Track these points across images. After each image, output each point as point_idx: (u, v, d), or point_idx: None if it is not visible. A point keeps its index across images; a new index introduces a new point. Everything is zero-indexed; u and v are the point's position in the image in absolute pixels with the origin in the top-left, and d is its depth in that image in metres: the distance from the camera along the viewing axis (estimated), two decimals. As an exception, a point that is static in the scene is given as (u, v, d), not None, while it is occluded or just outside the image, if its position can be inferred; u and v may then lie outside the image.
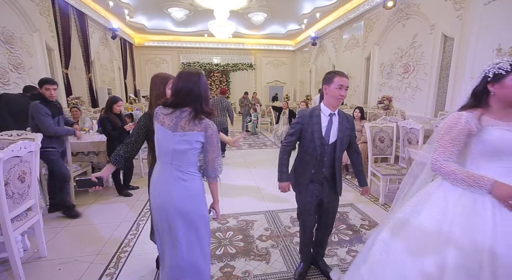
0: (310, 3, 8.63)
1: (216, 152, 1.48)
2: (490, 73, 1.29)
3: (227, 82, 14.47)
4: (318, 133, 1.78)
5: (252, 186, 4.06)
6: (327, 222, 2.03)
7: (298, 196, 1.97)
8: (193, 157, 1.46)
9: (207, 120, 1.44)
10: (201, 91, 1.43)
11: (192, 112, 1.41)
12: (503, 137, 1.24)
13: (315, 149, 1.80)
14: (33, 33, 5.89)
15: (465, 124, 1.31)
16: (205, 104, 1.44)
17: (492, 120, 1.29)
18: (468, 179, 1.22)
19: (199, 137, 1.42)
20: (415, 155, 3.08)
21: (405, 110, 6.41)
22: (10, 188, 1.94)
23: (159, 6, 8.71)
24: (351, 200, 3.50)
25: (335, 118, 1.81)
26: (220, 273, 2.11)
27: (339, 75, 1.74)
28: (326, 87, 1.77)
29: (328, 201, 1.92)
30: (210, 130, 1.43)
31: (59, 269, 2.17)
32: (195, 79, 1.43)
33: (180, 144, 1.41)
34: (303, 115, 1.83)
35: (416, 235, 1.31)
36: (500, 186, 1.15)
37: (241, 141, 7.79)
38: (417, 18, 6.07)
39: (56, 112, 2.95)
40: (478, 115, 1.32)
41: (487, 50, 4.44)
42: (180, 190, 1.45)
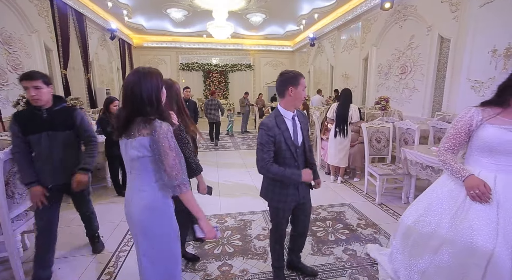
0: (309, 4, 8.67)
1: (170, 158, 1.24)
2: None
3: (226, 82, 14.49)
4: (290, 140, 1.70)
5: (250, 186, 4.09)
6: (305, 223, 1.97)
7: (273, 209, 1.85)
8: (149, 165, 1.28)
9: (157, 121, 1.24)
10: (143, 92, 1.23)
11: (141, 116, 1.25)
12: (497, 135, 1.30)
13: (291, 157, 1.72)
14: (31, 33, 5.89)
15: (469, 118, 1.39)
16: (150, 107, 1.24)
17: (502, 119, 1.32)
18: (452, 169, 1.42)
19: (145, 142, 1.23)
20: (411, 155, 3.12)
21: (402, 111, 6.45)
22: (10, 188, 1.96)
23: (158, 6, 8.73)
24: (348, 199, 3.54)
25: (296, 119, 1.77)
26: (218, 271, 2.14)
27: (301, 75, 1.69)
28: (293, 88, 1.65)
29: (304, 201, 1.87)
30: (157, 133, 1.21)
31: (58, 268, 2.19)
32: (135, 80, 1.24)
33: (130, 151, 1.26)
34: (270, 127, 1.67)
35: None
36: (471, 178, 1.33)
37: (240, 141, 7.81)
38: (414, 20, 6.12)
39: (36, 126, 1.89)
40: (491, 113, 1.34)
41: (482, 51, 4.49)
42: (138, 202, 1.31)
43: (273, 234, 1.94)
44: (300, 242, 2.07)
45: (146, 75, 1.25)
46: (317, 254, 2.35)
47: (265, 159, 1.68)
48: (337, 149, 4.07)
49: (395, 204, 3.41)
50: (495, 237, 1.21)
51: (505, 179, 1.30)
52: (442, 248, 1.36)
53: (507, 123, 1.30)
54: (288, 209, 1.84)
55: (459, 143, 1.44)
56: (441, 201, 1.45)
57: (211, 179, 4.46)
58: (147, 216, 1.30)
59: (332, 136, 4.12)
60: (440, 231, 1.38)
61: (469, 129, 1.40)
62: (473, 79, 4.64)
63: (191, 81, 13.99)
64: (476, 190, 1.30)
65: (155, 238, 1.33)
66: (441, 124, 3.72)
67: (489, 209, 1.27)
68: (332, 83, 10.42)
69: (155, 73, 1.29)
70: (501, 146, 1.29)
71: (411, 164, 3.14)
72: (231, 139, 8.22)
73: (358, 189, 3.96)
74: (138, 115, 1.24)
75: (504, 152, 1.30)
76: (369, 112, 6.37)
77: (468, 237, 1.26)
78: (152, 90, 1.25)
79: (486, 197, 1.28)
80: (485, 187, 1.29)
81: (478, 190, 1.29)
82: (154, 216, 1.31)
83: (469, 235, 1.26)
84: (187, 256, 2.27)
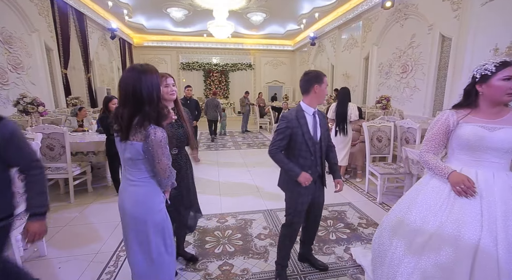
0: (309, 3, 8.65)
1: (162, 162, 1.30)
2: (478, 74, 1.40)
3: (226, 82, 14.47)
4: (308, 134, 1.79)
5: (251, 185, 4.08)
6: (316, 218, 2.08)
7: (291, 201, 1.90)
8: (142, 165, 1.34)
9: (151, 127, 1.25)
10: (143, 90, 1.24)
11: (139, 119, 1.25)
12: (473, 132, 1.40)
13: (307, 151, 1.80)
14: (32, 33, 5.90)
15: (445, 120, 1.50)
16: (150, 106, 1.25)
17: (474, 118, 1.43)
18: (435, 168, 1.49)
19: (139, 147, 1.27)
20: (412, 154, 3.11)
21: (403, 110, 6.44)
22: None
23: (158, 6, 8.72)
24: (349, 199, 3.52)
25: (317, 115, 1.85)
26: (219, 271, 2.13)
27: (325, 75, 1.82)
28: (317, 86, 1.77)
29: (318, 195, 1.96)
30: (151, 141, 1.25)
31: (59, 267, 2.19)
32: (135, 77, 1.24)
33: (125, 153, 1.33)
34: (290, 119, 1.79)
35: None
36: (454, 175, 1.40)
37: (240, 140, 7.82)
38: (415, 18, 6.10)
39: None
40: (463, 113, 1.46)
41: (484, 50, 4.47)
42: (130, 195, 1.38)
43: (286, 228, 1.94)
44: (311, 234, 2.14)
45: (145, 72, 1.25)
46: (318, 254, 2.34)
47: (276, 145, 1.80)
48: (338, 148, 4.05)
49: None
50: (480, 229, 1.28)
51: (485, 174, 1.37)
52: (429, 244, 1.39)
53: (479, 121, 1.40)
54: (305, 202, 1.89)
55: (439, 144, 1.53)
56: (426, 198, 1.50)
57: (211, 178, 4.45)
58: (139, 208, 1.37)
59: (332, 135, 4.11)
60: (426, 226, 1.43)
61: (446, 130, 1.49)
62: (474, 78, 4.62)
63: (191, 81, 13.99)
64: (461, 185, 1.35)
65: (149, 229, 1.38)
66: (442, 123, 3.71)
67: (473, 202, 1.34)
68: (333, 83, 10.40)
69: (153, 70, 1.30)
70: (478, 142, 1.38)
71: (413, 163, 3.13)
72: (231, 138, 8.22)
73: (359, 188, 3.95)
74: (138, 113, 1.25)
75: (481, 148, 1.38)
76: (370, 111, 6.36)
77: (455, 230, 1.32)
78: (153, 87, 1.26)
79: (471, 191, 1.33)
80: (469, 182, 1.35)
81: (463, 185, 1.34)
82: (145, 208, 1.37)
83: (455, 228, 1.32)
84: (186, 256, 2.25)
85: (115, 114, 1.31)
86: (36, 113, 4.40)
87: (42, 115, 4.57)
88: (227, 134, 8.87)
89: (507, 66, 1.31)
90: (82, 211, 3.18)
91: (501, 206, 1.29)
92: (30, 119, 4.46)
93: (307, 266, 2.18)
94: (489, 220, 1.29)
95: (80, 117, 4.67)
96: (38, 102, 4.36)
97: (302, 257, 2.22)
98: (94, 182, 3.99)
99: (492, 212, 1.30)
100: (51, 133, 3.29)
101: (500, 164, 1.39)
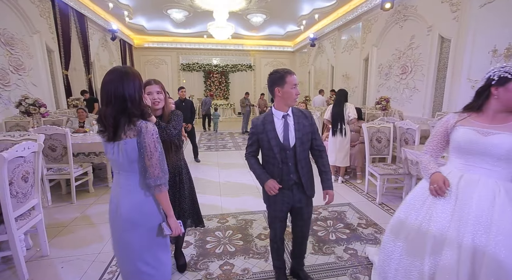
0: (309, 5, 8.68)
1: (154, 157, 1.29)
2: (495, 76, 1.33)
3: (226, 83, 14.49)
4: (275, 140, 1.67)
5: (251, 186, 4.10)
6: (302, 229, 1.90)
7: (268, 206, 1.85)
8: (136, 165, 1.32)
9: (141, 122, 1.28)
10: (126, 91, 1.25)
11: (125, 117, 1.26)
12: (464, 136, 1.40)
13: (275, 157, 1.69)
14: (33, 34, 5.92)
15: (444, 122, 1.51)
16: (132, 104, 1.26)
17: (473, 122, 1.41)
18: (424, 168, 1.54)
19: (134, 144, 1.27)
20: (411, 155, 3.13)
21: (403, 111, 6.46)
22: (14, 187, 1.97)
23: (159, 7, 8.75)
24: (348, 199, 3.55)
25: (290, 118, 1.71)
26: (220, 270, 2.15)
27: (289, 73, 1.65)
28: (279, 89, 1.64)
29: (300, 206, 1.79)
30: (144, 134, 1.26)
31: (61, 267, 2.21)
32: (116, 78, 1.26)
33: (118, 154, 1.29)
34: (255, 124, 1.73)
35: None
36: (434, 176, 1.46)
37: (240, 141, 7.84)
38: (414, 20, 6.13)
39: None
40: (463, 115, 1.45)
41: (483, 51, 4.49)
42: (127, 201, 1.34)
43: (270, 232, 1.95)
44: (299, 247, 1.97)
45: (127, 74, 1.28)
46: (318, 253, 2.36)
47: (247, 151, 1.84)
48: (337, 149, 4.08)
49: (396, 204, 3.42)
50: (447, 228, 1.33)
51: (470, 177, 1.38)
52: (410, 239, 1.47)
53: (475, 125, 1.39)
54: (280, 210, 1.79)
55: (437, 146, 1.55)
56: (415, 197, 1.56)
57: (212, 179, 4.47)
58: (137, 214, 1.34)
59: (330, 136, 4.14)
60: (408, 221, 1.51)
61: (445, 132, 1.50)
62: (473, 79, 4.64)
63: (191, 82, 14.03)
64: (434, 184, 1.42)
65: (144, 232, 1.37)
66: (441, 124, 3.73)
67: (447, 202, 1.39)
68: (332, 84, 10.42)
69: (135, 72, 1.33)
70: (467, 145, 1.38)
71: (412, 164, 3.15)
72: (231, 139, 8.25)
73: (358, 189, 3.97)
74: (122, 113, 1.26)
75: (471, 152, 1.38)
76: (370, 112, 6.38)
77: (426, 225, 1.41)
78: (134, 87, 1.28)
79: (441, 191, 1.39)
80: (444, 183, 1.39)
81: (436, 184, 1.41)
82: (142, 213, 1.35)
83: (426, 223, 1.41)
84: (179, 261, 2.19)
85: (98, 115, 1.32)
86: (38, 114, 4.42)
87: (44, 116, 4.59)
88: (217, 132, 9.73)
89: None
90: (83, 211, 3.20)
91: (475, 211, 1.28)
92: (32, 120, 4.49)
93: (307, 266, 2.19)
94: (458, 221, 1.32)
95: (82, 119, 4.70)
96: (40, 103, 4.38)
97: (292, 271, 2.08)
98: (95, 183, 4.01)
99: (464, 214, 1.31)
100: (53, 134, 3.32)
101: (492, 171, 1.34)
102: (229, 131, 9.85)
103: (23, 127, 4.56)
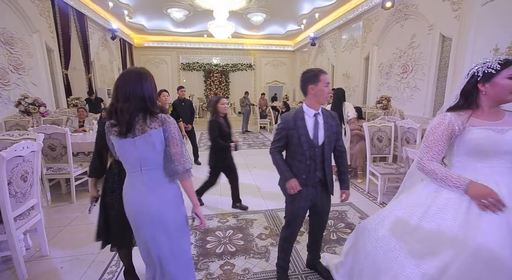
0: (309, 4, 8.65)
1: (179, 144, 1.37)
2: (479, 72, 1.30)
3: (227, 82, 14.47)
4: (305, 137, 1.71)
5: (251, 186, 4.09)
6: (321, 224, 2.00)
7: (290, 202, 1.87)
8: (161, 158, 1.37)
9: (162, 114, 1.36)
10: (145, 91, 1.32)
11: (142, 112, 1.32)
12: (483, 136, 1.26)
13: (303, 154, 1.72)
14: (33, 34, 5.90)
15: (448, 124, 1.34)
16: (151, 104, 1.34)
17: (478, 121, 1.31)
18: (446, 179, 1.28)
19: (160, 134, 1.33)
20: (413, 154, 3.12)
21: (403, 110, 6.44)
22: (13, 187, 1.96)
23: (159, 6, 8.73)
24: (349, 199, 3.51)
25: (320, 117, 1.76)
26: (220, 270, 2.14)
27: (323, 72, 1.71)
28: (313, 86, 1.69)
29: (321, 203, 1.87)
30: (167, 123, 1.34)
31: (61, 267, 2.19)
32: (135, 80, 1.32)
33: (143, 148, 1.32)
34: (286, 120, 1.76)
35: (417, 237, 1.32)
36: (475, 186, 1.21)
37: (241, 141, 7.82)
38: (415, 19, 6.10)
39: None
40: (465, 116, 1.34)
41: (484, 50, 4.47)
42: (155, 197, 1.37)
43: (284, 230, 1.94)
44: (316, 240, 2.06)
45: (146, 75, 1.36)
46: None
47: (273, 145, 1.82)
48: None
49: (397, 203, 3.40)
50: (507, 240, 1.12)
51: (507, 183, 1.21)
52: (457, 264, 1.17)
53: (485, 124, 1.28)
54: (303, 207, 1.83)
55: (441, 150, 1.36)
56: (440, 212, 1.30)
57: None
58: (167, 207, 1.40)
59: None
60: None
61: (451, 135, 1.34)
62: (474, 78, 4.62)
63: (192, 81, 14.01)
64: (488, 198, 1.16)
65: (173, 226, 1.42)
66: (443, 123, 3.71)
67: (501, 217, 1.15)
68: (333, 83, 10.39)
69: (150, 74, 1.41)
70: (490, 147, 1.26)
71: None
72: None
73: (359, 188, 3.95)
74: (139, 111, 1.32)
75: (493, 153, 1.26)
76: (371, 112, 6.36)
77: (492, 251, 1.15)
78: (152, 88, 1.36)
79: (501, 204, 1.14)
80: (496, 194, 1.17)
81: (491, 198, 1.15)
82: (173, 206, 1.42)
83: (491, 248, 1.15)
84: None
85: (109, 110, 1.34)
86: (38, 114, 4.41)
87: (44, 116, 4.58)
88: None
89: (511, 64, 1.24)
90: (83, 211, 3.19)
91: None
92: (31, 119, 4.47)
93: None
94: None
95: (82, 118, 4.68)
96: (39, 103, 4.37)
97: (309, 264, 2.15)
98: (95, 182, 4.00)
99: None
100: (53, 134, 3.31)
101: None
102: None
103: (22, 126, 4.54)
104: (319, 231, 2.03)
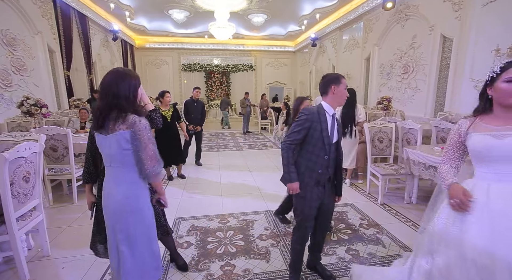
0: (310, 4, 8.66)
1: (148, 149, 1.40)
2: (488, 76, 1.32)
3: (228, 83, 14.48)
4: (326, 132, 1.76)
5: (252, 186, 4.09)
6: (326, 224, 2.02)
7: (302, 201, 1.84)
8: (129, 157, 1.42)
9: (134, 116, 1.39)
10: (120, 89, 1.39)
11: (117, 111, 1.38)
12: (482, 142, 1.27)
13: (323, 148, 1.76)
14: (35, 35, 5.94)
15: (457, 129, 1.40)
16: (126, 102, 1.39)
17: (484, 125, 1.31)
18: (442, 179, 1.40)
19: (126, 135, 1.38)
20: (413, 155, 3.12)
21: (404, 111, 6.44)
22: (16, 188, 1.98)
23: (160, 8, 8.76)
24: (350, 200, 3.53)
25: (335, 118, 1.84)
26: (221, 271, 2.14)
27: (343, 76, 1.85)
28: (335, 87, 1.79)
29: (327, 202, 1.91)
30: (137, 126, 1.38)
31: (62, 268, 2.21)
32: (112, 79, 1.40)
33: (112, 146, 1.40)
34: (311, 112, 1.76)
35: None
36: (453, 187, 1.31)
37: (242, 141, 7.83)
38: (416, 19, 6.10)
39: None
40: (473, 120, 1.35)
41: (485, 50, 4.47)
42: (119, 193, 1.45)
43: (296, 231, 1.93)
44: (318, 240, 2.06)
45: (125, 75, 1.43)
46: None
47: (291, 138, 1.78)
48: (346, 150, 4.00)
49: (397, 204, 3.40)
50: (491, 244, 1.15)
51: (499, 188, 1.22)
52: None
53: (488, 129, 1.28)
54: (314, 207, 1.85)
55: (453, 155, 1.43)
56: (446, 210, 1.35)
57: (213, 179, 4.47)
58: (128, 203, 1.46)
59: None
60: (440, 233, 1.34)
61: (458, 140, 1.40)
62: (476, 78, 4.61)
63: (192, 82, 14.00)
64: (455, 198, 1.25)
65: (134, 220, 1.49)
66: (443, 124, 3.71)
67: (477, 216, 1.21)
68: (334, 83, 10.39)
69: (132, 74, 1.48)
70: (487, 152, 1.25)
71: (414, 164, 3.14)
72: (233, 139, 8.26)
73: (360, 189, 3.95)
74: (113, 109, 1.39)
75: (493, 158, 1.25)
76: (371, 112, 6.35)
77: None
78: (129, 87, 1.42)
79: (464, 205, 1.21)
80: (464, 195, 1.23)
81: (457, 198, 1.24)
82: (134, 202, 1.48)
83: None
84: (179, 262, 2.17)
85: (94, 109, 1.45)
86: (40, 115, 4.43)
87: (45, 117, 4.60)
88: (230, 127, 10.60)
89: (509, 67, 1.22)
90: (85, 211, 3.20)
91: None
92: (33, 120, 4.50)
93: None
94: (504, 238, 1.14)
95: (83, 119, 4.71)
96: (41, 104, 4.39)
97: (310, 264, 2.15)
98: (96, 183, 4.01)
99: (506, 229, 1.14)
100: (55, 134, 3.32)
101: None
102: (230, 131, 9.85)
103: (24, 127, 4.57)
104: (324, 231, 2.07)
